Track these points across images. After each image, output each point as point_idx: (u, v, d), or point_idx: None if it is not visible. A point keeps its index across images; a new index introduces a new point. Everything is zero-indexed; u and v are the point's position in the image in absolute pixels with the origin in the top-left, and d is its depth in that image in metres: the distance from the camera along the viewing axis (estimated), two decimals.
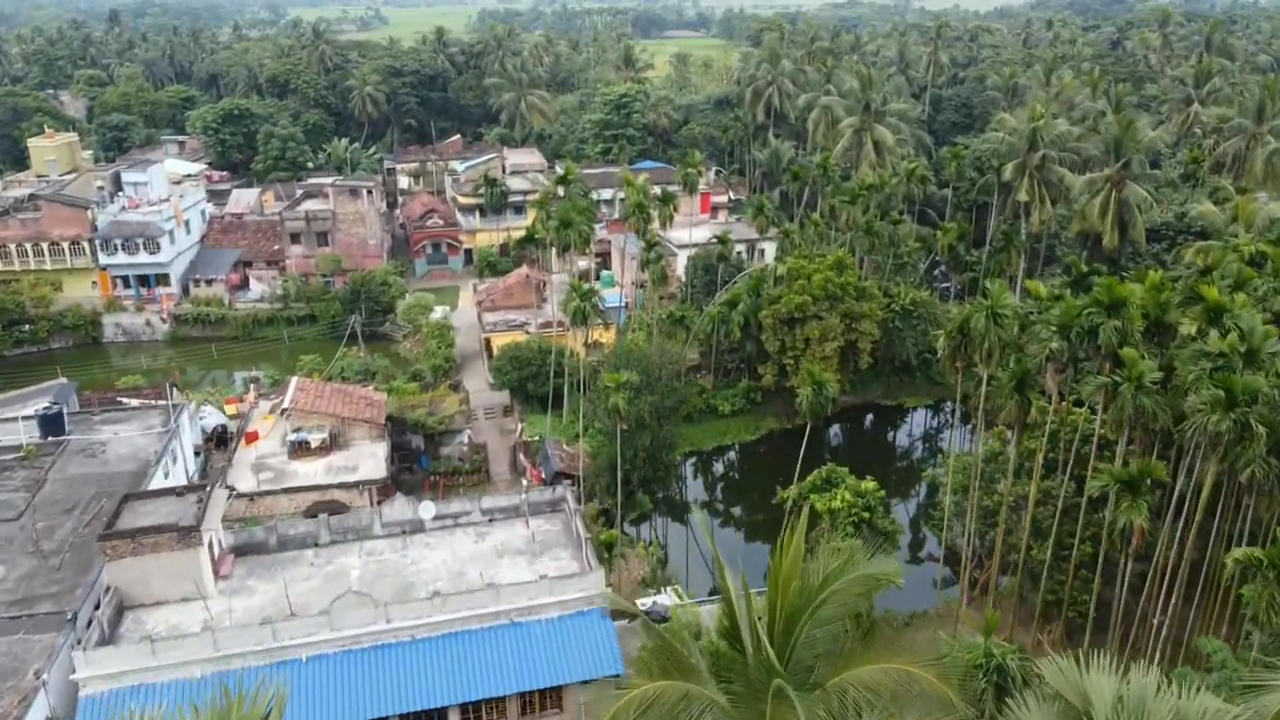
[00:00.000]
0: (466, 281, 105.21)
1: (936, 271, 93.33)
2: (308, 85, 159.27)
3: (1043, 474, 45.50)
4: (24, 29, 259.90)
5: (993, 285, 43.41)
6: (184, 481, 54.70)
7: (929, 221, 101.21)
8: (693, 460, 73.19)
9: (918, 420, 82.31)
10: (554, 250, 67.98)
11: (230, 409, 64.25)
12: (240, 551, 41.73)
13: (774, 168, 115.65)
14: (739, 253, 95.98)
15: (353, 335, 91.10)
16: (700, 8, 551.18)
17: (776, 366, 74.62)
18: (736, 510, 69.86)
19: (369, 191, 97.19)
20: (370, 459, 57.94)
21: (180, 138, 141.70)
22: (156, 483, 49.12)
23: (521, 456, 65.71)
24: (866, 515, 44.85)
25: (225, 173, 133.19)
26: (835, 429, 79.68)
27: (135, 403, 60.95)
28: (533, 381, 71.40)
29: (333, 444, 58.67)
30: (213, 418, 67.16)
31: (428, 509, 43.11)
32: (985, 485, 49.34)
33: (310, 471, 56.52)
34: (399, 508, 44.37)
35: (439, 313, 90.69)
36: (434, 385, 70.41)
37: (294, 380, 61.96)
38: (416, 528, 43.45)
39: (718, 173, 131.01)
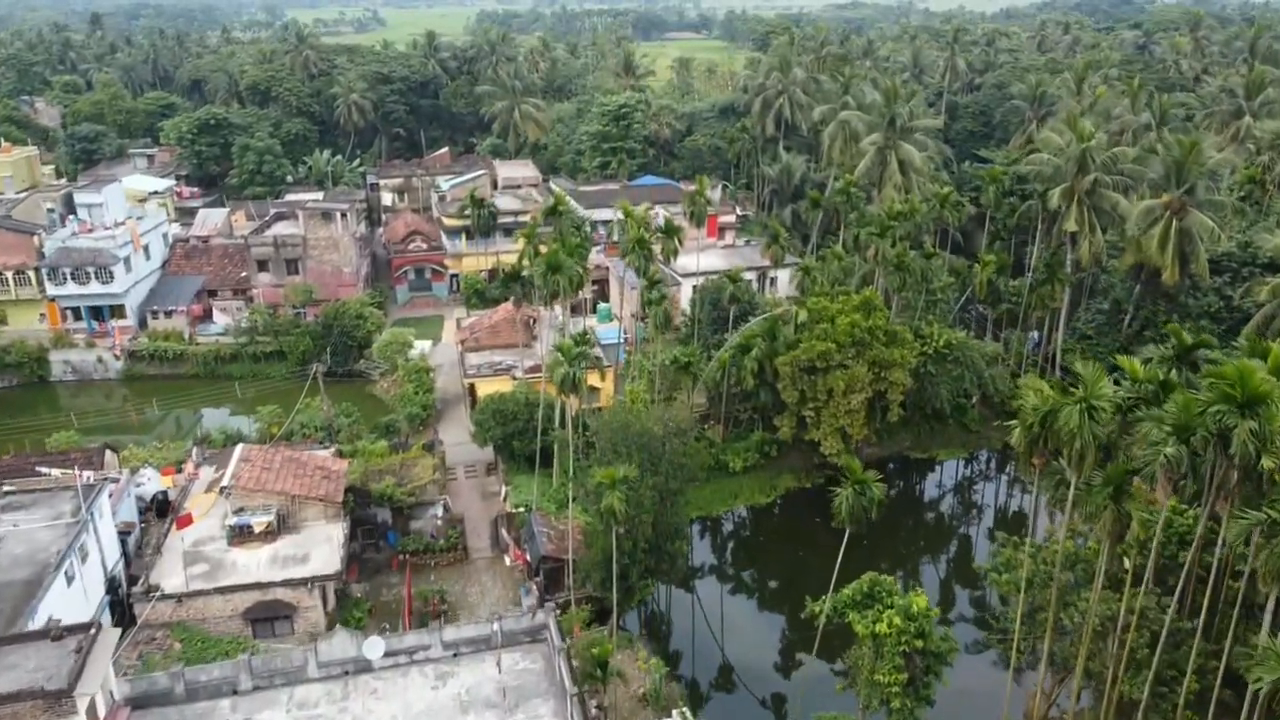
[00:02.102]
0: (452, 310, 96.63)
1: (970, 309, 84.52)
2: (290, 93, 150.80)
3: (1137, 590, 36.94)
4: (4, 34, 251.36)
5: (1085, 369, 34.77)
6: (100, 579, 46.39)
7: (955, 246, 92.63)
8: (700, 524, 64.63)
9: (952, 472, 73.71)
10: (543, 294, 59.19)
11: (167, 480, 55.63)
12: (139, 704, 33.28)
13: (785, 184, 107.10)
14: (749, 281, 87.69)
15: (328, 375, 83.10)
16: (702, 9, 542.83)
17: (794, 417, 66.13)
18: (749, 580, 61.19)
19: (343, 215, 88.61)
20: (324, 545, 49.42)
21: (149, 150, 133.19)
22: (56, 593, 40.69)
23: (504, 532, 57.16)
24: (919, 644, 36.27)
25: (197, 188, 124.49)
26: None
27: (56, 473, 52.34)
28: (519, 439, 62.83)
29: (281, 527, 50.17)
30: (154, 483, 58.69)
31: (375, 646, 34.68)
32: (1054, 588, 40.74)
33: (252, 563, 47.99)
34: (340, 643, 35.84)
35: (419, 349, 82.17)
36: (405, 444, 61.77)
37: (238, 450, 53.41)
38: (361, 667, 35.06)
39: (724, 188, 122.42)
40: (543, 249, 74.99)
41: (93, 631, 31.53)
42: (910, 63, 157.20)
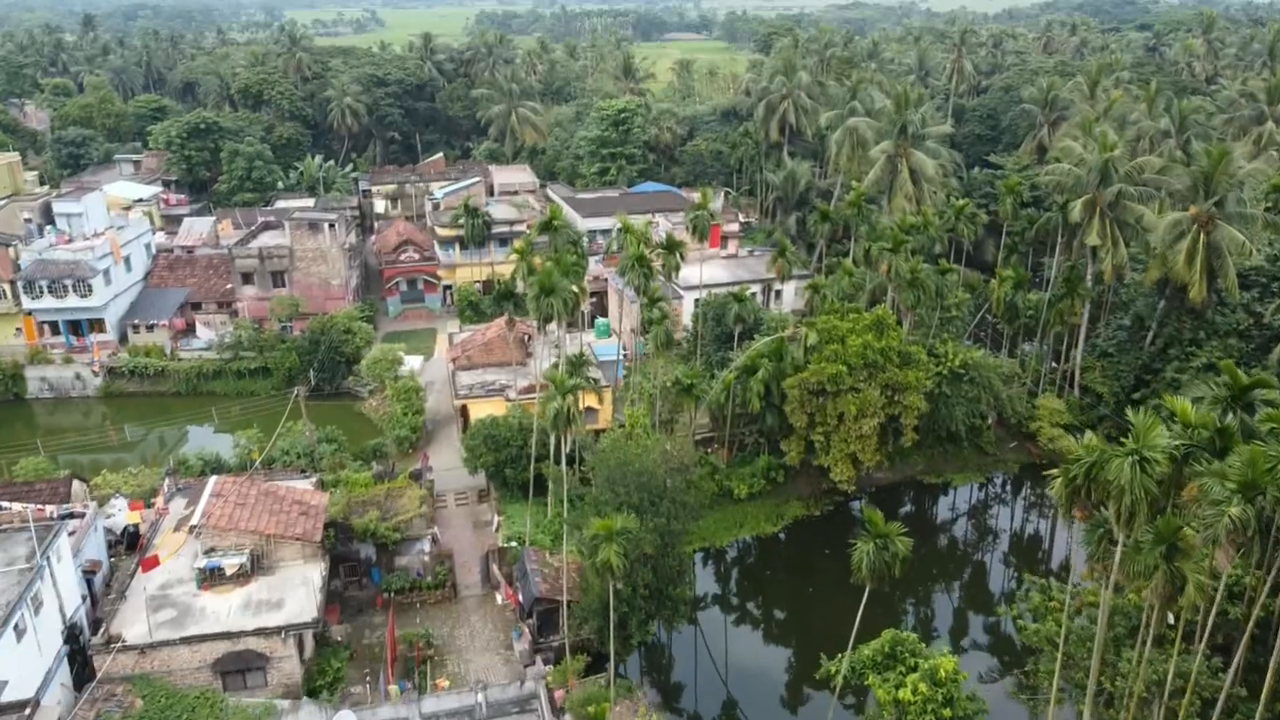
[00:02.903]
0: (445, 323, 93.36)
1: (985, 327, 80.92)
2: (282, 96, 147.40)
3: (1186, 647, 33.59)
4: None
5: (1137, 417, 31.31)
6: (57, 628, 42.98)
7: (966, 257, 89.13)
8: (703, 554, 61.17)
9: (967, 497, 70.28)
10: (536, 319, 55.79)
11: (134, 516, 52.21)
12: None
13: (789, 191, 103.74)
14: (753, 293, 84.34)
15: (315, 392, 79.77)
16: (702, 10, 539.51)
17: (803, 442, 62.80)
18: (756, 616, 57.68)
19: (331, 225, 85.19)
20: (301, 588, 46.02)
21: (135, 156, 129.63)
22: (4, 650, 37.32)
23: (494, 569, 53.77)
24: (947, 713, 32.90)
25: (184, 195, 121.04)
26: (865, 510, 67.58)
27: (17, 508, 48.97)
28: (511, 466, 59.49)
29: (255, 568, 46.79)
30: (125, 513, 55.30)
31: None
32: (1096, 651, 37.38)
33: (223, 609, 44.59)
34: (307, 717, 32.41)
35: (410, 364, 78.86)
36: (391, 473, 58.35)
37: (210, 483, 49.96)
38: None
39: (726, 195, 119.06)
40: (538, 260, 71.95)
41: (28, 713, 28.08)
42: (916, 65, 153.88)
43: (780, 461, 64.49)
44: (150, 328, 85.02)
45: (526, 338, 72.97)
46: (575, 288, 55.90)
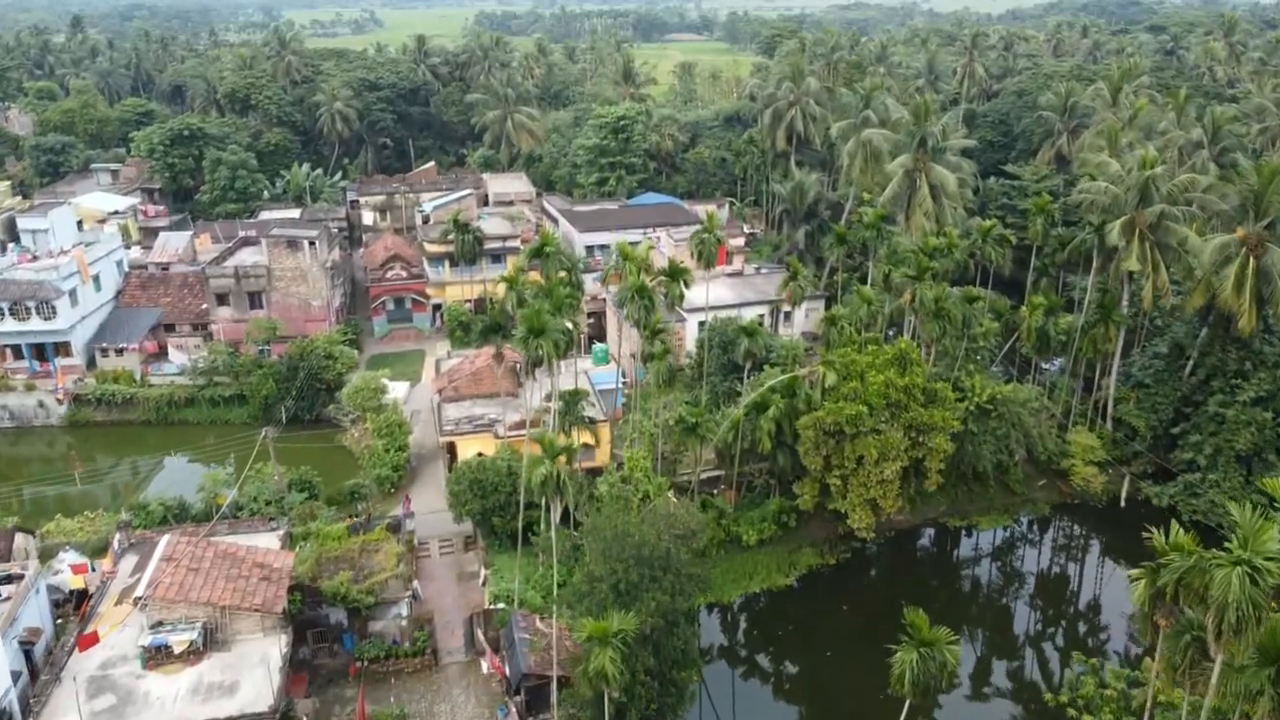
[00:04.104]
0: (434, 344, 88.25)
1: (1013, 357, 75.55)
2: (270, 101, 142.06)
3: None
4: None
5: (1242, 515, 26.20)
6: None
7: (984, 274, 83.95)
8: (707, 609, 56.05)
9: (993, 540, 65.10)
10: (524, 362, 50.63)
11: (77, 581, 47.09)
12: None
13: (798, 203, 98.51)
14: (760, 315, 79.36)
15: (293, 421, 74.78)
16: (703, 9, 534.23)
17: (817, 485, 57.76)
18: (768, 682, 52.46)
19: (311, 243, 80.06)
20: (259, 668, 40.91)
21: (113, 165, 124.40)
22: None
23: (479, 634, 48.64)
24: None
25: (163, 207, 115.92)
26: (884, 558, 62.55)
27: None
28: (499, 514, 54.41)
29: (209, 641, 41.72)
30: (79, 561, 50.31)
31: None
32: None
33: (169, 693, 39.52)
34: None
35: (395, 392, 73.71)
36: (368, 524, 53.20)
37: (162, 543, 44.84)
38: None
39: (730, 205, 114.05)
40: (533, 277, 66.78)
41: None
42: (925, 69, 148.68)
43: (792, 504, 59.45)
44: (120, 351, 79.98)
45: (518, 366, 67.84)
46: (570, 322, 50.88)
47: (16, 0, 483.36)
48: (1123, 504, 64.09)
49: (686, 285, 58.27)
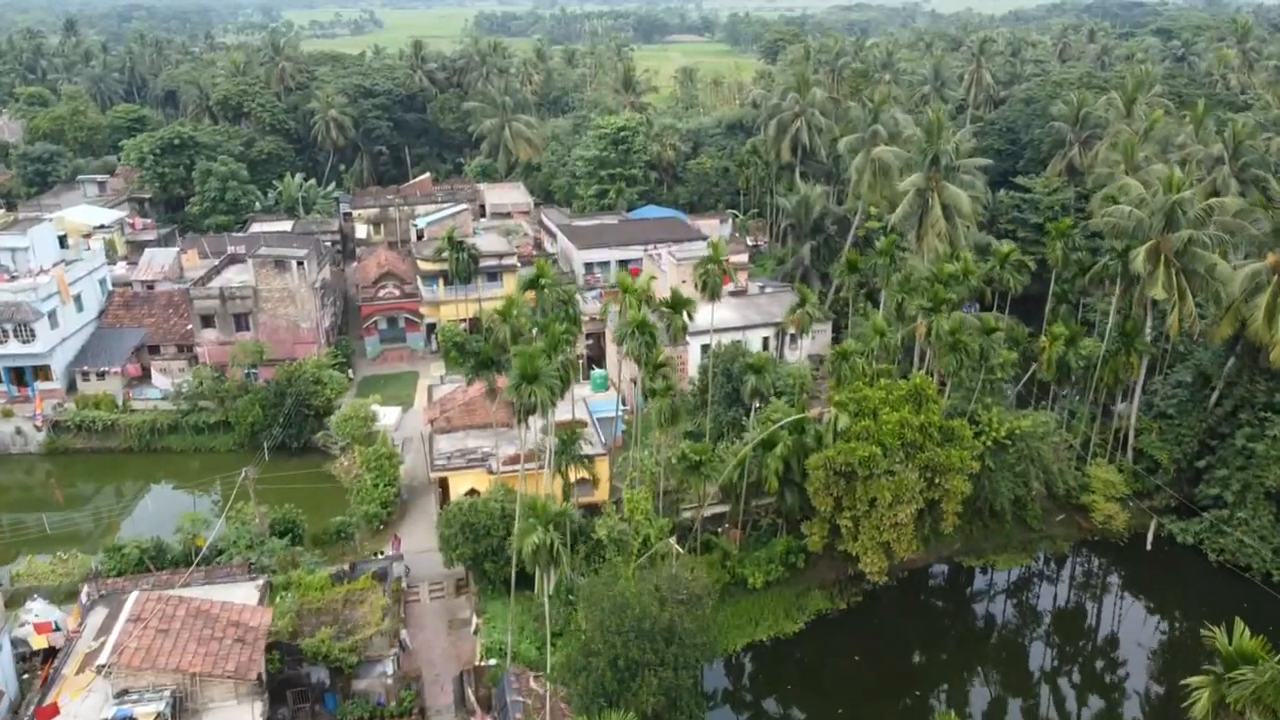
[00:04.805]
0: (428, 365, 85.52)
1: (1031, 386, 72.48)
2: (263, 108, 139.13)
3: None
4: None
5: None
6: None
7: (995, 295, 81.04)
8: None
9: (1009, 579, 62.20)
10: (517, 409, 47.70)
11: (40, 640, 44.25)
12: None
13: (803, 218, 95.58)
14: (765, 339, 76.56)
15: (280, 449, 71.98)
16: (704, 10, 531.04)
17: (826, 525, 54.89)
18: None
19: (299, 263, 77.16)
20: None
21: (100, 177, 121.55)
22: None
23: (469, 693, 45.79)
24: None
25: (150, 220, 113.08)
26: (897, 600, 59.57)
27: None
28: (492, 560, 51.59)
29: (177, 710, 38.86)
30: (46, 617, 47.48)
31: None
32: None
33: None
34: None
35: (386, 419, 70.89)
36: (353, 572, 50.32)
37: (130, 600, 41.98)
38: None
39: (733, 218, 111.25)
40: (529, 296, 63.88)
41: None
42: (931, 75, 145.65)
43: (800, 544, 56.57)
44: (101, 375, 77.12)
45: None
46: (567, 356, 48.02)
47: (14, 1, 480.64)
48: (1149, 546, 61.03)
49: (690, 317, 55.37)
